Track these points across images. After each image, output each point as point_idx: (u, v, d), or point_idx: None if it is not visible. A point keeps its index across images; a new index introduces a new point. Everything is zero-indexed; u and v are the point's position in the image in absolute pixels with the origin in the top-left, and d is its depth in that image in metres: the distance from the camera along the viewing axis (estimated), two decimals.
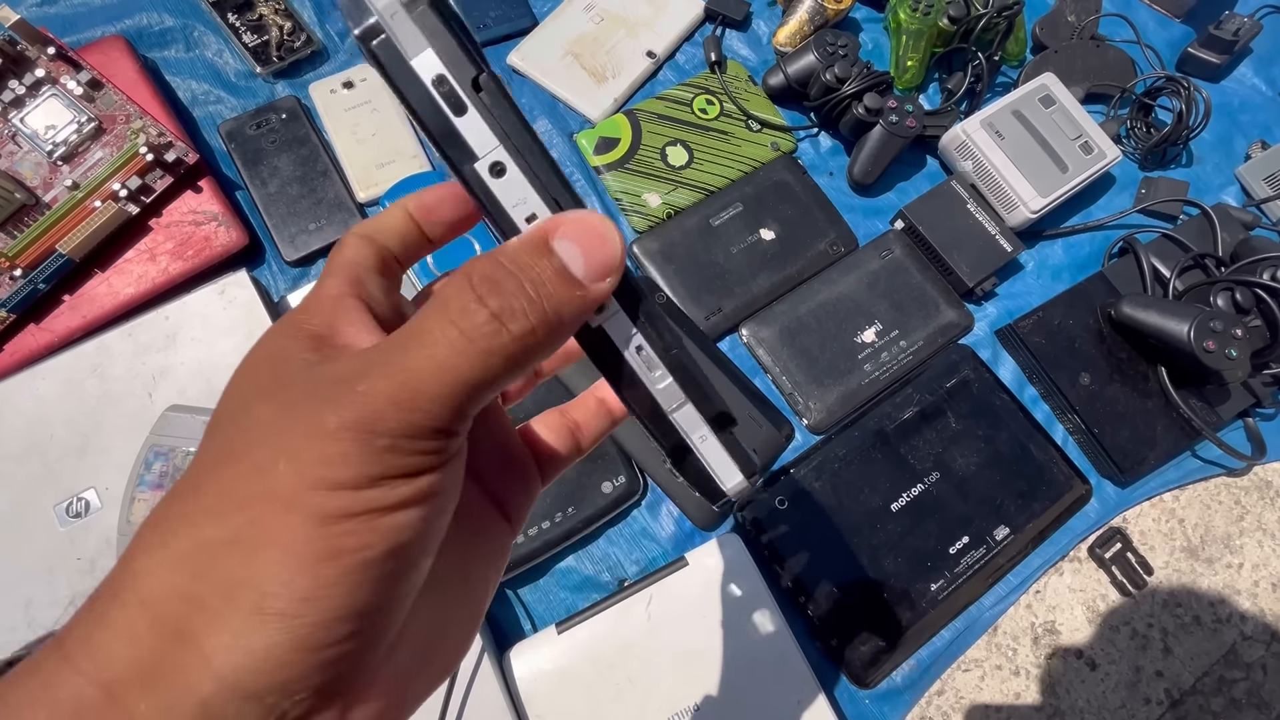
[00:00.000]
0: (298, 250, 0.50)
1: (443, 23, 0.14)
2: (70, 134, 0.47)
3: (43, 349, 0.45)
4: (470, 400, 0.13)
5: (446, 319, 0.13)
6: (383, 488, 0.12)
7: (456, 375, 0.12)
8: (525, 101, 0.58)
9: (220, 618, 0.12)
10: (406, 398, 0.12)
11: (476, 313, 0.13)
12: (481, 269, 0.13)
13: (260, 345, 0.14)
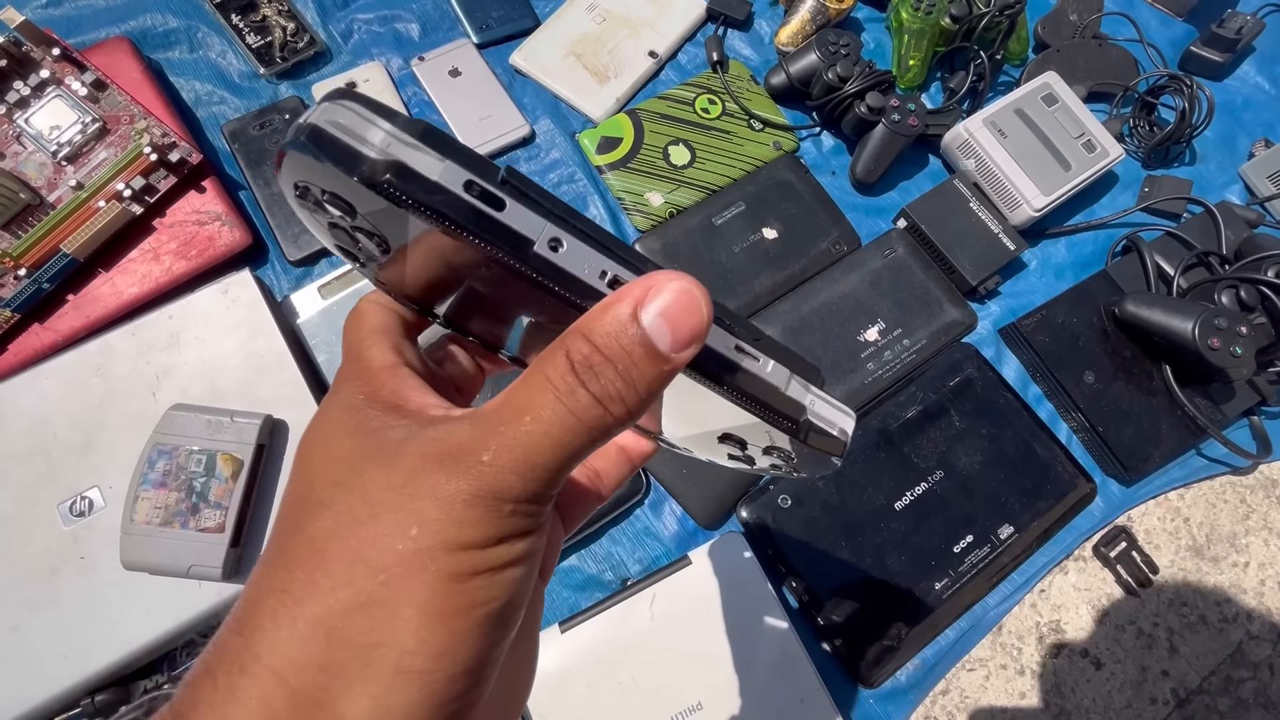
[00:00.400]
0: (300, 250, 0.50)
1: (441, 141, 0.14)
2: (75, 134, 0.47)
3: (47, 348, 0.45)
4: (571, 468, 0.14)
5: (556, 397, 0.14)
6: (504, 546, 0.13)
7: (567, 448, 0.14)
8: (528, 101, 0.58)
9: (359, 682, 0.12)
10: (527, 469, 0.13)
11: (581, 394, 0.14)
12: (580, 351, 0.14)
13: (337, 414, 0.15)
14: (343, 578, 0.13)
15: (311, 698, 0.12)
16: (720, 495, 0.47)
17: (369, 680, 0.12)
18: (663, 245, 0.53)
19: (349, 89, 0.15)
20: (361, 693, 0.12)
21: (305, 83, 0.56)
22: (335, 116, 0.14)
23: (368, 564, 0.13)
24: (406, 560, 0.13)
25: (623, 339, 0.14)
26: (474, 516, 0.13)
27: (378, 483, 0.13)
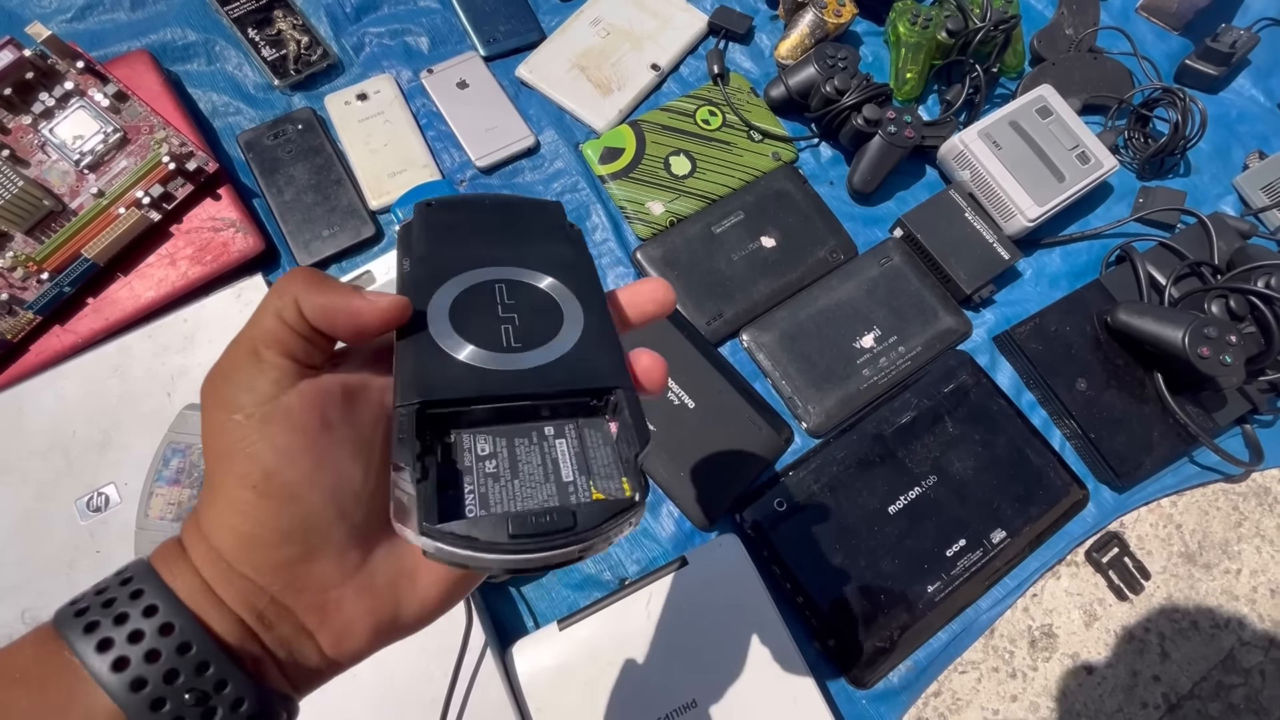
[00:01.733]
0: (312, 256, 0.52)
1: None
2: (97, 144, 0.49)
3: (66, 349, 0.47)
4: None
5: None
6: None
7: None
8: (533, 113, 0.60)
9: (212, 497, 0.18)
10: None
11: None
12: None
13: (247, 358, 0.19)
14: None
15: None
16: (717, 498, 0.48)
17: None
18: (663, 253, 0.54)
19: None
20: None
21: (318, 94, 0.57)
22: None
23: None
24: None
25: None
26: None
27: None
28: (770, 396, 0.52)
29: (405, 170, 0.55)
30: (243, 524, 0.17)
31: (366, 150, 0.55)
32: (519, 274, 0.22)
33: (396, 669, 0.39)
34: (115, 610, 0.15)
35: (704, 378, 0.50)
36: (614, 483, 0.20)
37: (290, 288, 0.18)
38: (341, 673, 0.19)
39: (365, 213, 0.53)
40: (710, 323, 0.53)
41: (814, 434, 0.51)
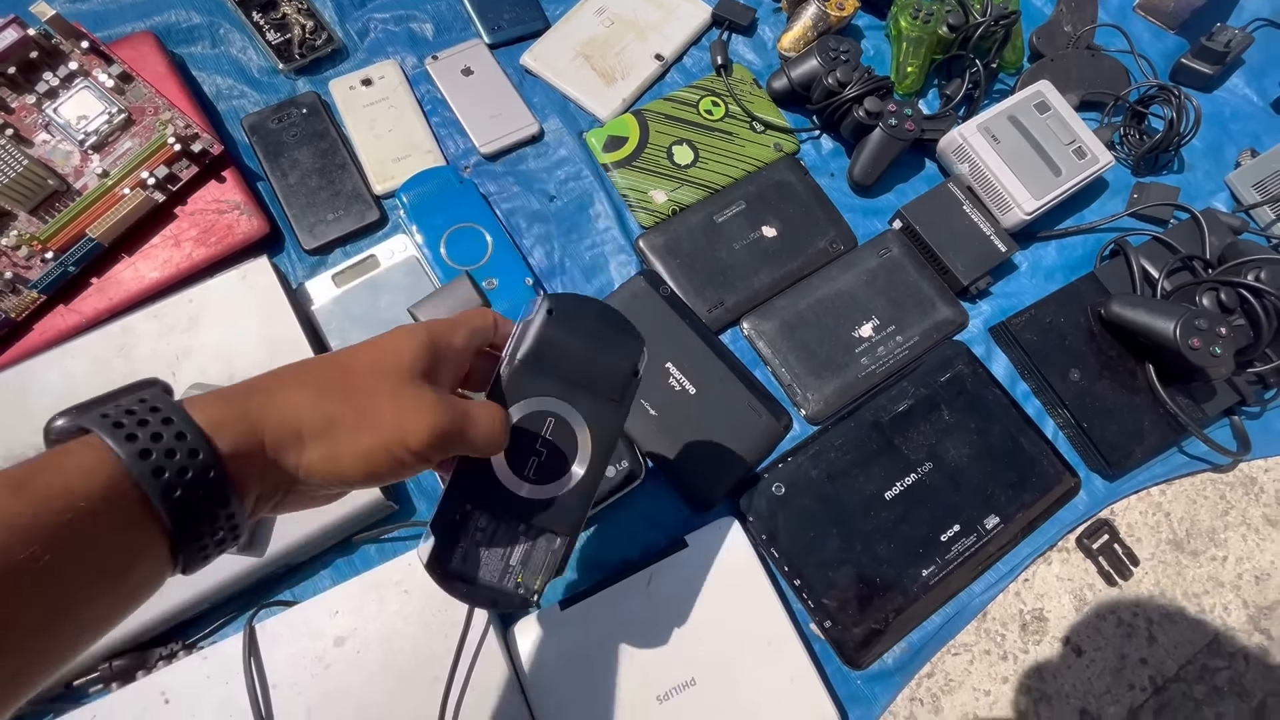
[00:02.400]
0: (316, 239, 0.52)
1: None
2: (101, 124, 0.49)
3: (71, 329, 0.47)
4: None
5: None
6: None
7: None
8: (537, 101, 0.60)
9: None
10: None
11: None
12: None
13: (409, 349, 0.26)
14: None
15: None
16: (717, 482, 0.49)
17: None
18: (665, 241, 0.55)
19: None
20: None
21: (322, 79, 0.58)
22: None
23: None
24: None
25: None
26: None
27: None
28: (770, 384, 0.53)
29: (409, 155, 0.55)
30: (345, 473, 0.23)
31: (371, 135, 0.56)
32: (571, 414, 0.31)
33: (399, 647, 0.40)
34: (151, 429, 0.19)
35: (705, 364, 0.51)
36: (534, 579, 0.31)
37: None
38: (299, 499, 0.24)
39: (370, 197, 0.54)
40: (711, 310, 0.54)
41: (812, 421, 0.52)
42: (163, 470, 0.18)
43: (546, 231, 0.56)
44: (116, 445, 0.18)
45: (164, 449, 0.18)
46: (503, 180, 0.57)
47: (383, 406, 0.23)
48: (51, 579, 0.17)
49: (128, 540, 0.19)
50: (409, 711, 0.38)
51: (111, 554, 0.18)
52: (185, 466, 0.19)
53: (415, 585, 0.41)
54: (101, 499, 0.18)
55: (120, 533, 0.18)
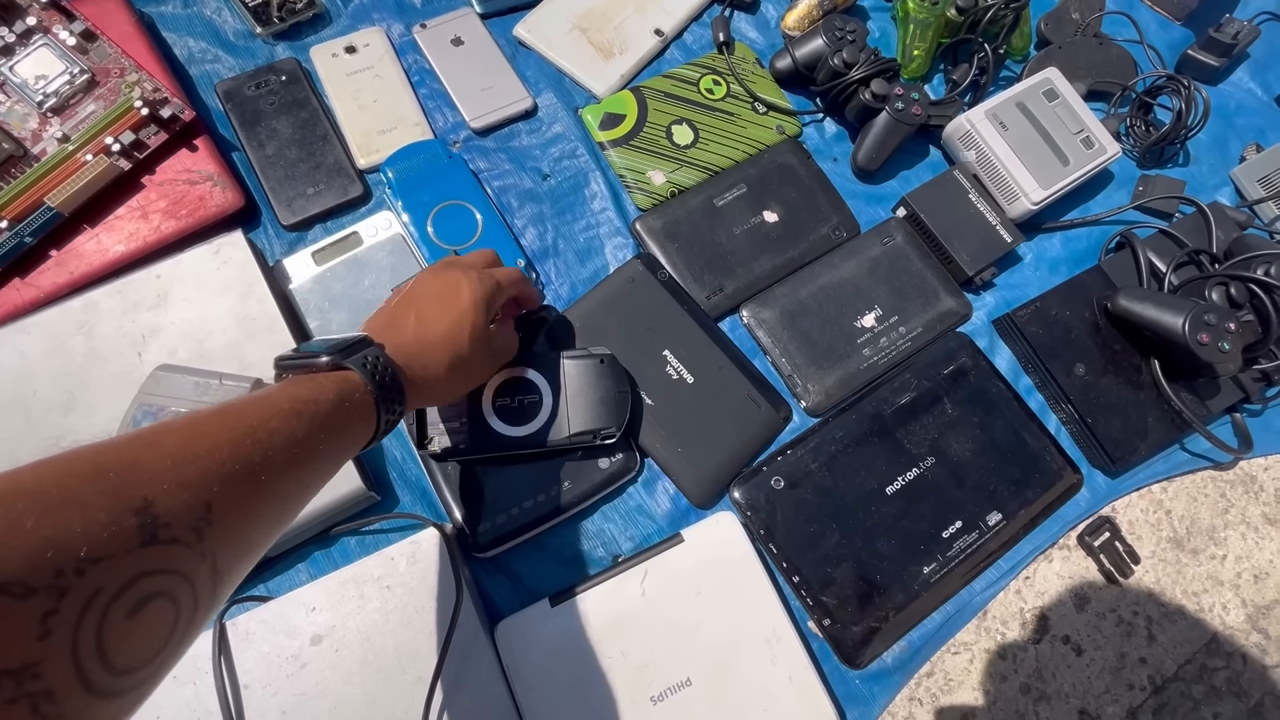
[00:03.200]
0: (295, 215, 0.49)
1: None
2: (62, 85, 0.46)
3: (27, 304, 0.44)
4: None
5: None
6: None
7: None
8: (531, 74, 0.57)
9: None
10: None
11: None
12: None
13: (472, 294, 0.37)
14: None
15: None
16: (714, 475, 0.47)
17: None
18: (663, 224, 0.53)
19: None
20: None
21: (303, 44, 0.54)
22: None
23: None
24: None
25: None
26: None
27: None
28: (769, 374, 0.51)
29: (396, 128, 0.52)
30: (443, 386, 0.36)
31: (355, 106, 0.53)
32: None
33: (381, 646, 0.38)
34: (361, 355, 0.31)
35: (703, 353, 0.49)
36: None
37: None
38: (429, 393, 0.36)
39: (352, 171, 0.51)
40: (710, 297, 0.52)
41: (813, 413, 0.51)
42: (382, 385, 0.31)
43: (539, 211, 0.53)
44: (366, 378, 0.31)
45: (382, 375, 0.31)
46: (494, 156, 0.54)
47: (483, 368, 0.40)
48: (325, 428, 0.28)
49: (362, 410, 0.30)
50: (390, 714, 0.36)
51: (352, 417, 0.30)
52: (388, 383, 0.32)
53: (398, 581, 0.39)
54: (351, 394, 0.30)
55: (359, 408, 0.30)
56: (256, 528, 0.25)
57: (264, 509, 0.25)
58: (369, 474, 0.43)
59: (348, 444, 0.30)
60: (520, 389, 0.43)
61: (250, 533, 0.24)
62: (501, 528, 0.43)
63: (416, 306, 0.36)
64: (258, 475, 0.24)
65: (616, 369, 0.45)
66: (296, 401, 0.27)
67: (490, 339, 0.38)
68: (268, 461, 0.24)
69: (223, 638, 0.37)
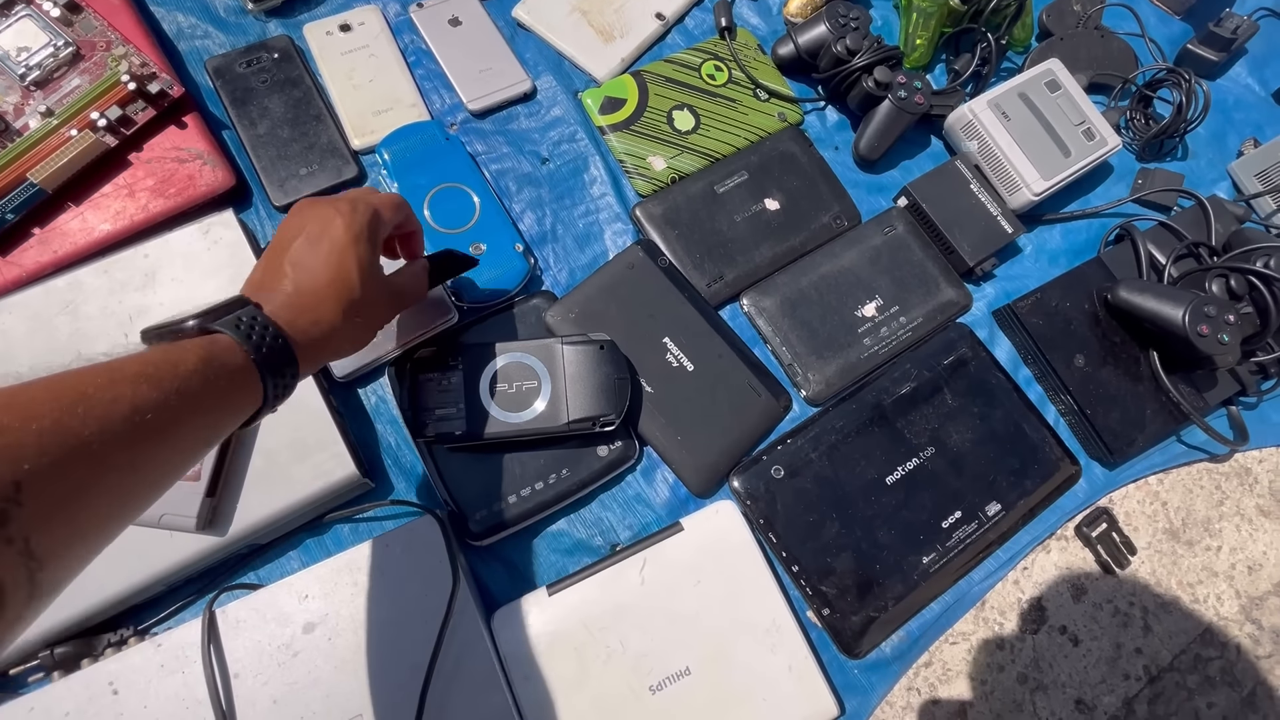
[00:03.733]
0: (287, 195, 0.48)
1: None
2: (45, 57, 0.44)
3: (9, 283, 0.42)
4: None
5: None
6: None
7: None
8: (530, 57, 0.56)
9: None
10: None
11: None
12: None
13: (349, 230, 0.33)
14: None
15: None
16: (714, 464, 0.46)
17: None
18: (663, 211, 0.52)
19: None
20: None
21: (296, 21, 0.53)
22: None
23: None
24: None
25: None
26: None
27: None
28: (769, 363, 0.51)
29: (391, 109, 0.51)
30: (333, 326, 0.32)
31: (349, 85, 0.51)
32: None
33: (375, 635, 0.37)
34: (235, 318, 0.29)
35: (704, 341, 0.48)
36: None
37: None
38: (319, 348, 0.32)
39: (347, 152, 0.50)
40: (711, 285, 0.51)
41: (813, 402, 0.50)
42: (260, 348, 0.28)
43: (538, 196, 0.52)
44: (239, 339, 0.28)
45: (260, 336, 0.29)
46: (492, 139, 0.53)
47: (379, 313, 0.36)
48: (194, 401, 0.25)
49: (239, 376, 0.28)
50: (384, 703, 0.36)
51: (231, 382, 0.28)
52: (272, 346, 0.29)
53: (393, 568, 0.38)
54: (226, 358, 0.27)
55: (236, 374, 0.28)
56: (91, 509, 0.22)
57: (101, 487, 0.22)
58: (363, 460, 0.43)
59: (224, 415, 0.27)
60: (518, 375, 0.42)
61: (81, 514, 0.22)
62: (498, 515, 0.42)
63: (288, 254, 0.32)
64: (89, 448, 0.21)
65: (616, 355, 0.44)
66: (147, 366, 0.24)
67: (385, 275, 0.34)
68: (106, 433, 0.22)
69: (212, 625, 0.36)
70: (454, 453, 0.43)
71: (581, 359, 0.43)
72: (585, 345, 0.43)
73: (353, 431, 0.43)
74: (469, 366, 0.42)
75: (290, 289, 0.31)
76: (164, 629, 0.38)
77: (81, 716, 0.34)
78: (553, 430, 0.42)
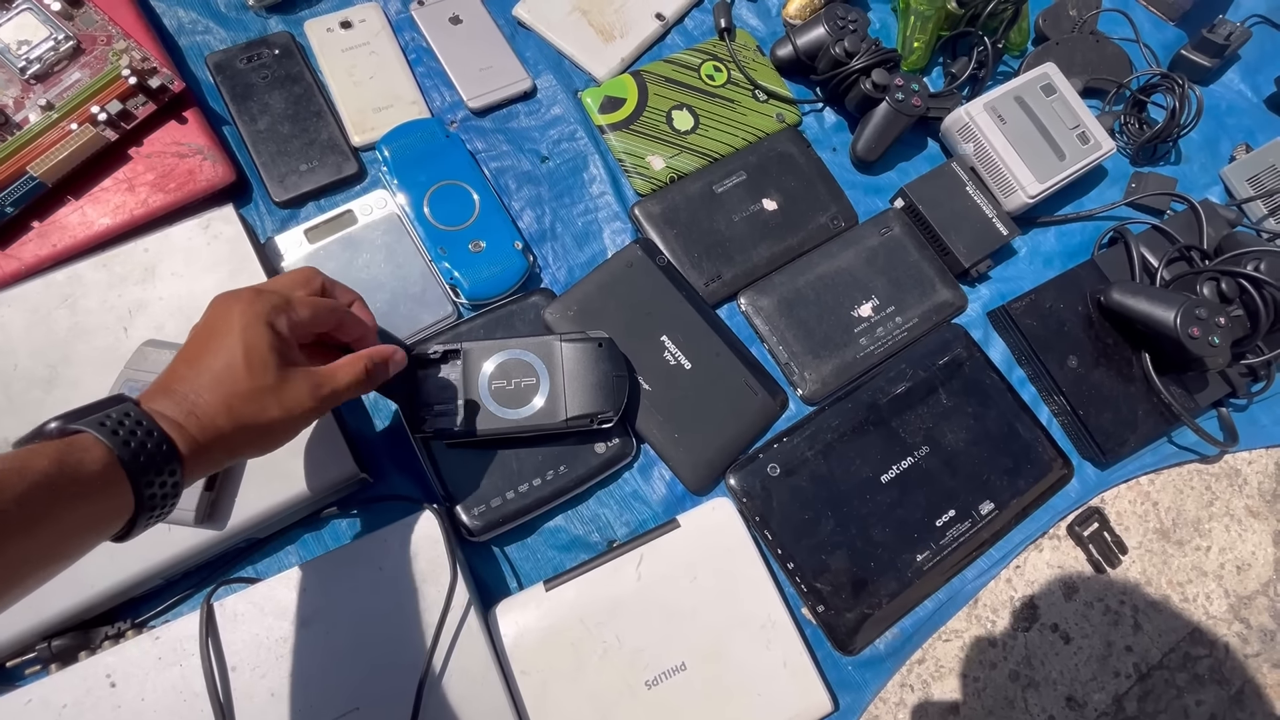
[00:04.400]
0: (287, 191, 0.48)
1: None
2: (46, 51, 0.44)
3: (8, 276, 0.42)
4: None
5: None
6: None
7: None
8: (530, 55, 0.56)
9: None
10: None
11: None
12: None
13: (257, 321, 0.30)
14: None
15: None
16: (710, 461, 0.47)
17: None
18: (662, 210, 0.52)
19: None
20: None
21: (297, 18, 0.53)
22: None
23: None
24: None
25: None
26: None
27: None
28: (766, 361, 0.51)
29: (392, 106, 0.52)
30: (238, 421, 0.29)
31: (350, 82, 0.52)
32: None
33: (372, 630, 0.37)
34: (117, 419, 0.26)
35: (701, 339, 0.49)
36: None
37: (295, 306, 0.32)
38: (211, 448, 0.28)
39: (347, 148, 0.50)
40: (708, 284, 0.51)
41: (809, 401, 0.51)
42: (128, 444, 0.26)
43: (537, 194, 0.53)
44: (103, 436, 0.25)
45: (130, 433, 0.26)
46: (491, 137, 0.54)
47: (275, 411, 0.30)
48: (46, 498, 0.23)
49: (101, 479, 0.25)
50: (381, 698, 0.36)
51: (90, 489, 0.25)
52: (144, 442, 0.26)
53: (390, 563, 0.38)
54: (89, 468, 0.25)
55: (97, 476, 0.25)
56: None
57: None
58: (361, 455, 0.43)
59: (82, 520, 0.24)
60: (517, 371, 0.43)
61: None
62: (496, 511, 0.42)
63: (185, 348, 0.30)
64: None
65: (614, 352, 0.44)
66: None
67: (302, 365, 0.31)
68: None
69: (210, 619, 0.36)
70: (452, 448, 0.43)
71: (580, 356, 0.43)
72: (584, 342, 0.44)
73: (351, 426, 0.44)
74: (467, 363, 0.42)
75: (180, 385, 0.28)
76: (162, 622, 0.38)
77: (79, 708, 0.34)
78: (551, 427, 0.42)
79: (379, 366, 0.35)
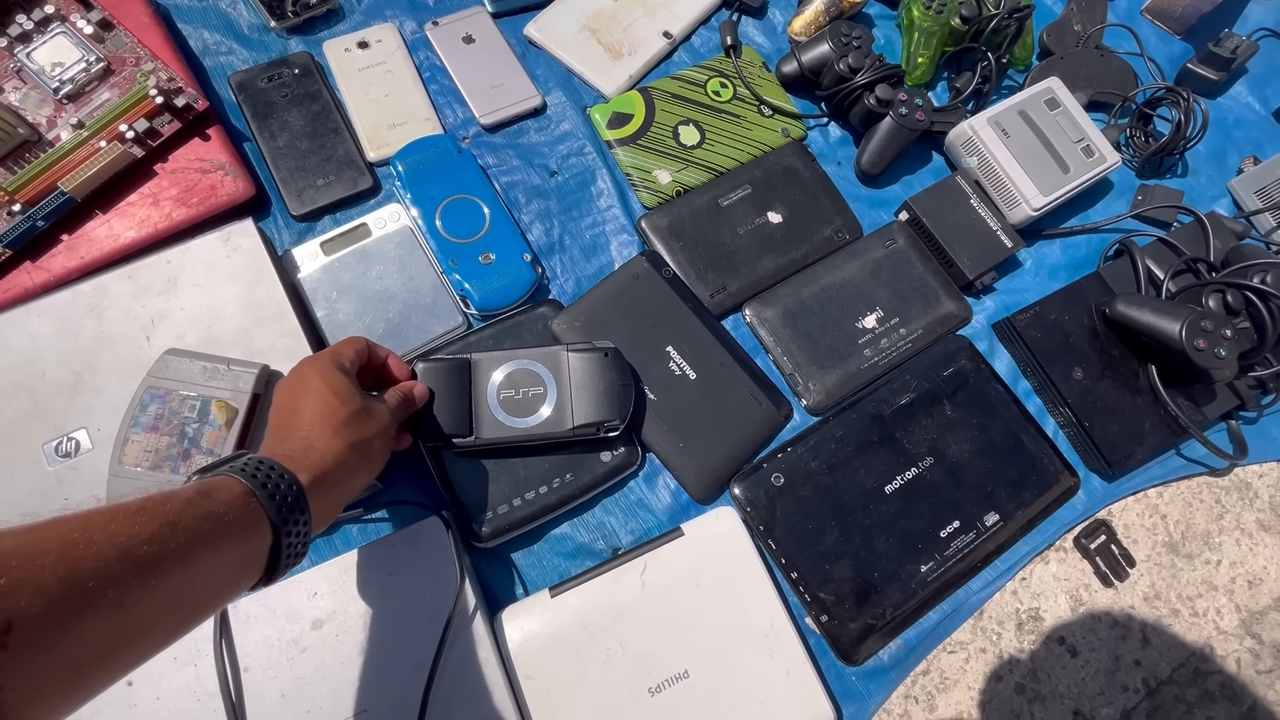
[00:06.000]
0: (304, 205, 0.50)
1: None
2: (78, 72, 0.46)
3: (38, 287, 0.44)
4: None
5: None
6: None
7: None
8: (540, 73, 0.58)
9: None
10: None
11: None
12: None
13: (323, 377, 0.35)
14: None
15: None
16: (714, 470, 0.47)
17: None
18: (669, 223, 0.53)
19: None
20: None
21: (316, 39, 0.55)
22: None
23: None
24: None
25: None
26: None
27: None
28: (771, 372, 0.52)
29: (406, 123, 0.53)
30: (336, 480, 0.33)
31: (366, 100, 0.53)
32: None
33: (381, 633, 0.38)
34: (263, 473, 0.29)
35: (706, 350, 0.49)
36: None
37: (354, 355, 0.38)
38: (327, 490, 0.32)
39: (363, 163, 0.51)
40: (714, 295, 0.52)
41: (813, 411, 0.51)
42: (256, 477, 0.29)
43: (546, 207, 0.54)
44: (240, 476, 0.28)
45: (264, 475, 0.29)
46: (502, 153, 0.55)
47: (368, 425, 0.35)
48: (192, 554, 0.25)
49: (242, 516, 0.28)
50: (389, 699, 0.37)
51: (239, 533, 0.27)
52: (284, 489, 0.29)
53: (399, 567, 0.39)
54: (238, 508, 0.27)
55: (239, 513, 0.27)
56: (84, 650, 0.21)
57: (96, 626, 0.21)
58: None
59: (227, 558, 0.26)
60: (525, 381, 0.44)
61: (75, 655, 0.21)
62: (503, 518, 0.43)
63: (278, 411, 0.35)
64: (84, 585, 0.21)
65: (620, 362, 0.45)
66: (147, 500, 0.24)
67: (365, 400, 0.36)
68: (100, 569, 0.21)
69: (224, 620, 0.37)
70: (460, 457, 0.44)
71: (586, 366, 0.44)
72: (590, 352, 0.44)
73: None
74: (476, 373, 0.43)
75: (287, 435, 0.32)
76: None
77: (95, 706, 0.35)
78: (557, 435, 0.43)
79: (415, 392, 0.41)
